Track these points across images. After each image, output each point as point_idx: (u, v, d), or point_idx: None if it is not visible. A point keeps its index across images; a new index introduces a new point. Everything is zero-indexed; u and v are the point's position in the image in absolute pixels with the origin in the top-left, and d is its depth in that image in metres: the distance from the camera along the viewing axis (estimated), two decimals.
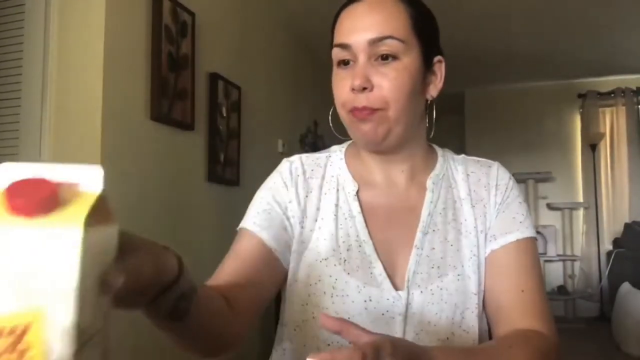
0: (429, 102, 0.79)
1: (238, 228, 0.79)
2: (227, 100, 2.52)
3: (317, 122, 3.97)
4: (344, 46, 0.73)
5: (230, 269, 0.73)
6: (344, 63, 0.74)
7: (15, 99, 1.73)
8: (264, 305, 0.76)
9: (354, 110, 0.73)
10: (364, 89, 0.71)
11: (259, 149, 2.92)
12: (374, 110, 0.71)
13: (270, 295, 0.77)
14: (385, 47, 0.71)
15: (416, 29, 0.73)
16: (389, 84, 0.71)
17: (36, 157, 1.68)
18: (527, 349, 0.66)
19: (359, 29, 0.72)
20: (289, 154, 0.88)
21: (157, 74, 1.92)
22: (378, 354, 0.47)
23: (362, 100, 0.71)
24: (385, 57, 0.71)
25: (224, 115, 2.48)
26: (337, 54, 0.75)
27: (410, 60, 0.72)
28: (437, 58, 0.78)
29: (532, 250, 0.77)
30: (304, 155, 0.85)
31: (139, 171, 1.85)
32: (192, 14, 2.17)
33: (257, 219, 0.77)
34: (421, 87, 0.75)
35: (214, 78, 2.40)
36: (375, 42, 0.71)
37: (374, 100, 0.71)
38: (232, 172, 2.55)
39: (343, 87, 0.74)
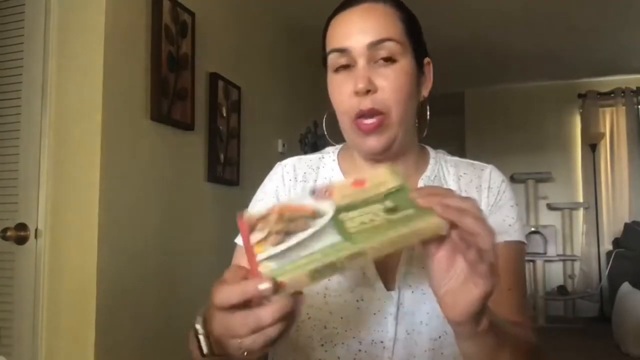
0: (420, 103, 0.80)
1: (235, 242, 0.81)
2: (227, 100, 2.52)
3: (317, 122, 3.97)
4: (342, 50, 0.73)
5: None
6: (342, 67, 0.74)
7: (16, 99, 1.73)
8: None
9: (359, 118, 0.72)
10: (368, 91, 0.71)
11: (259, 149, 2.92)
12: (378, 115, 0.71)
13: None
14: (385, 50, 0.71)
15: (409, 32, 0.75)
16: (390, 85, 0.71)
17: (36, 157, 1.69)
18: (530, 337, 0.70)
19: (356, 33, 0.72)
20: (289, 154, 0.88)
21: (157, 74, 1.92)
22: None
23: (368, 102, 0.71)
24: (384, 60, 0.72)
25: (224, 115, 2.48)
26: (334, 59, 0.74)
27: (407, 62, 0.73)
28: (426, 60, 0.79)
29: (519, 254, 0.77)
30: (297, 158, 0.86)
31: (139, 171, 1.85)
32: (192, 14, 2.17)
33: None
34: (416, 89, 0.76)
35: (214, 78, 2.40)
36: (374, 45, 0.71)
37: (379, 103, 0.71)
38: (232, 172, 2.55)
39: (343, 92, 0.73)
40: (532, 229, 4.91)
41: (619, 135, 5.11)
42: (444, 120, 6.00)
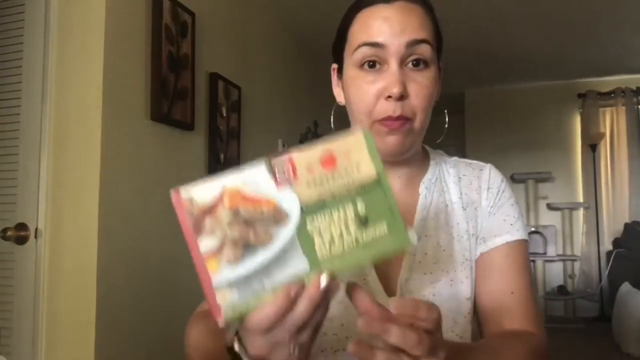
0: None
1: None
2: (227, 100, 2.52)
3: (317, 122, 3.97)
4: (376, 45, 0.69)
5: None
6: (370, 65, 0.70)
7: (16, 99, 1.73)
8: None
9: (385, 120, 0.70)
10: (401, 97, 0.68)
11: (259, 149, 2.92)
12: (406, 121, 0.69)
13: None
14: (420, 52, 0.69)
15: (437, 37, 0.74)
16: (421, 92, 0.69)
17: (36, 157, 1.68)
18: (525, 348, 0.67)
19: (394, 30, 0.69)
20: None
21: (157, 74, 1.92)
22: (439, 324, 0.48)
23: (398, 109, 0.68)
24: (417, 63, 0.69)
25: (224, 115, 2.48)
26: (365, 53, 0.70)
27: (435, 68, 0.72)
28: (440, 64, 0.77)
29: (522, 252, 0.77)
30: None
31: (139, 171, 1.85)
32: (192, 14, 2.17)
33: None
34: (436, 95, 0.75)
35: (214, 78, 2.40)
36: (412, 44, 0.68)
37: (407, 109, 0.69)
38: None
39: (369, 92, 0.70)
40: (532, 229, 4.91)
41: (619, 135, 5.11)
42: (444, 119, 6.00)
